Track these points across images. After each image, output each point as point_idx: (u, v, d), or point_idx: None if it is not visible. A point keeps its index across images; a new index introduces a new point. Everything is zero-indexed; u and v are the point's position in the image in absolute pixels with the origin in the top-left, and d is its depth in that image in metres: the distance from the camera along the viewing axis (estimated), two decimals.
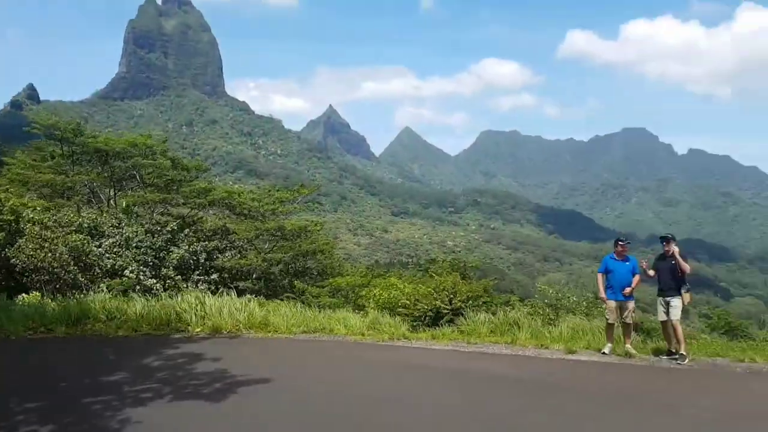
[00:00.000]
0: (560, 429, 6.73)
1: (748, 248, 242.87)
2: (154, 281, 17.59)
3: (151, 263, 18.41)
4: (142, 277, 17.47)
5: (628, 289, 10.56)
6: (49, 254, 15.53)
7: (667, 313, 10.40)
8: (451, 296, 13.28)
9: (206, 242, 20.82)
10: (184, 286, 17.99)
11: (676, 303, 10.36)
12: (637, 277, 10.71)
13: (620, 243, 10.89)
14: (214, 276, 19.51)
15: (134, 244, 18.72)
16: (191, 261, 19.59)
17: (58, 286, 15.76)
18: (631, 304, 10.65)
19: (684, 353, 10.14)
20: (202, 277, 19.15)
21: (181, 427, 6.79)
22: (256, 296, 16.23)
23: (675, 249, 10.52)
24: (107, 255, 17.97)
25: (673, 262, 10.51)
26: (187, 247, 19.61)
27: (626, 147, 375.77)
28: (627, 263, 10.64)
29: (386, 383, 8.75)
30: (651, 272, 10.76)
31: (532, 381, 8.91)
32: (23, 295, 14.84)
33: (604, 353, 10.59)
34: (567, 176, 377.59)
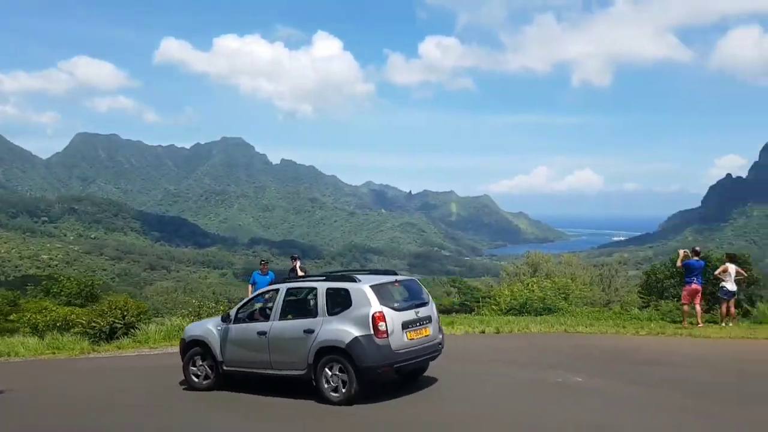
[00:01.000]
0: None
1: (332, 246, 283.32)
2: None
3: None
4: None
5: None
6: None
7: None
8: (124, 313, 15.95)
9: None
10: None
11: None
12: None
13: (262, 263, 15.63)
14: None
15: None
16: None
17: None
18: None
19: None
20: None
21: None
22: None
23: (298, 263, 15.72)
24: None
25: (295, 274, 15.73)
26: None
27: (226, 155, 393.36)
28: (267, 276, 15.46)
29: (100, 385, 11.45)
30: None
31: None
32: None
33: None
34: (171, 183, 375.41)
